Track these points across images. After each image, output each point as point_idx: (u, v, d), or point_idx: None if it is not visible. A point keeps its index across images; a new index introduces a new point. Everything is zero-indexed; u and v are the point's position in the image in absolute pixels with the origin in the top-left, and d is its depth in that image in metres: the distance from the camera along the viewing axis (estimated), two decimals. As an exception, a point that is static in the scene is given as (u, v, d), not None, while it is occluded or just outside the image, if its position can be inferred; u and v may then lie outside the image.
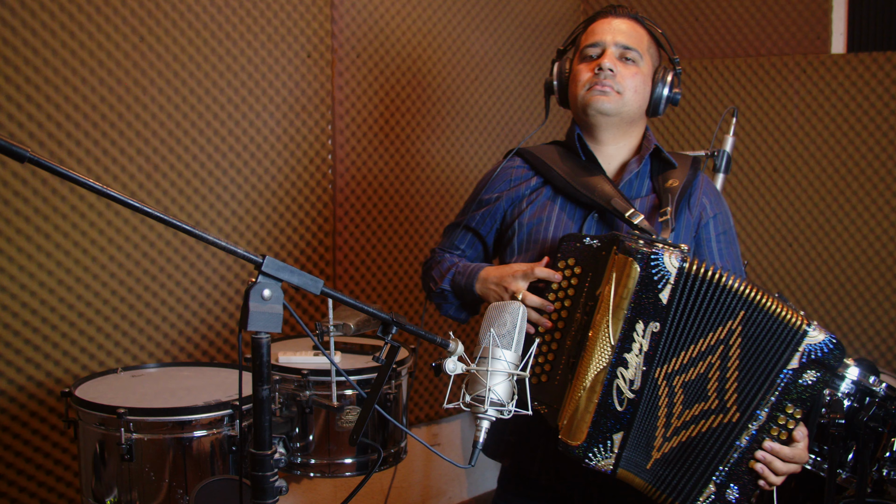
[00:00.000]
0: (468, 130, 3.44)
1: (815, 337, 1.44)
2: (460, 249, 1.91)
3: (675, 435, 1.47)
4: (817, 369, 1.44)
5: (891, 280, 3.23)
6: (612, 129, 1.78)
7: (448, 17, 3.33)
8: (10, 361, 2.31)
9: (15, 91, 2.27)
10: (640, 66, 1.75)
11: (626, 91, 1.72)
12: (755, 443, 1.47)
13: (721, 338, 1.45)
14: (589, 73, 1.73)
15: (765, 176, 3.43)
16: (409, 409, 2.78)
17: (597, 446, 1.47)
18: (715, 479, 1.47)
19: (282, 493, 1.26)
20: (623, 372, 1.45)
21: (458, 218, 1.93)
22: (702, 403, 1.46)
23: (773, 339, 1.45)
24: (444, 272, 1.82)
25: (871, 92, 3.21)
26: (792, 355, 1.44)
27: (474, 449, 1.37)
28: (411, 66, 3.22)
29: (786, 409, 1.46)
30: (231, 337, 2.76)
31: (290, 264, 1.19)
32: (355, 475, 2.22)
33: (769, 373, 1.45)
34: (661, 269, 1.43)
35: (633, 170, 1.76)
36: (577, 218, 1.75)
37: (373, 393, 1.36)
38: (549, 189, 1.79)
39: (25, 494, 2.35)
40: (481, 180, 1.92)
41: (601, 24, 1.77)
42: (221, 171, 2.71)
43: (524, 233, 1.77)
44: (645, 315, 1.44)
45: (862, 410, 2.25)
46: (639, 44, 1.75)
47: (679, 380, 1.46)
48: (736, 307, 1.45)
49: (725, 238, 1.79)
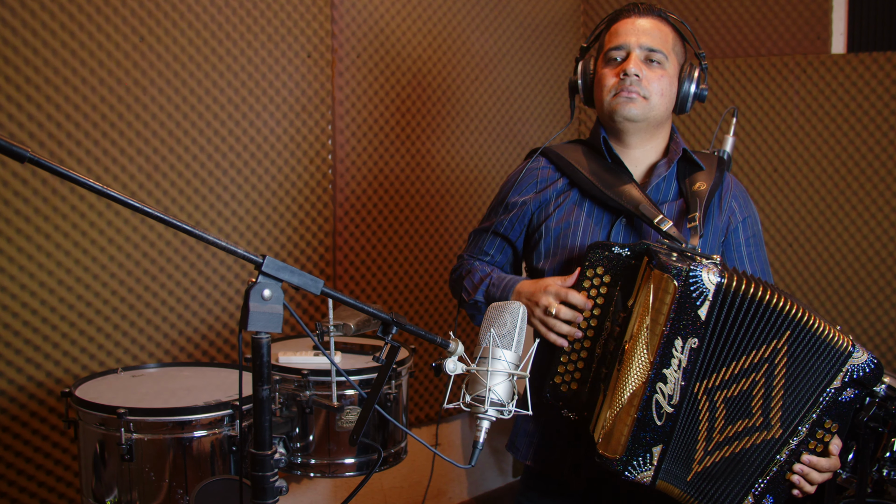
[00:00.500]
0: (468, 130, 3.44)
1: (859, 358, 1.47)
2: (489, 255, 1.89)
3: (717, 450, 1.48)
4: (856, 387, 1.48)
5: (891, 280, 3.23)
6: (639, 134, 1.76)
7: (448, 17, 3.33)
8: (10, 361, 2.31)
9: (15, 91, 2.27)
10: (666, 68, 1.72)
11: (653, 95, 1.70)
12: (794, 456, 1.49)
13: (765, 356, 1.46)
14: (614, 79, 1.70)
15: (765, 176, 3.43)
16: (409, 409, 2.78)
17: (636, 459, 1.48)
18: (754, 490, 1.50)
19: (282, 494, 1.26)
20: (662, 387, 1.45)
21: (486, 223, 1.90)
22: (745, 420, 1.47)
23: (819, 359, 1.46)
24: (476, 283, 1.79)
25: (871, 92, 3.21)
26: (836, 375, 1.47)
27: (474, 449, 1.37)
28: (411, 66, 3.22)
29: (824, 425, 1.49)
30: (231, 337, 2.76)
31: (290, 264, 1.19)
32: (355, 475, 2.22)
33: (814, 392, 1.47)
34: (699, 286, 1.42)
35: (661, 174, 1.74)
36: (604, 223, 1.73)
37: (373, 393, 1.36)
38: (575, 192, 1.76)
39: (25, 494, 2.35)
40: (507, 182, 1.89)
41: (625, 25, 1.73)
42: (221, 171, 2.71)
43: (551, 238, 1.75)
44: (683, 331, 1.44)
45: (862, 410, 2.24)
46: (664, 44, 1.71)
47: (721, 395, 1.47)
48: (781, 326, 1.45)
49: (754, 241, 1.78)
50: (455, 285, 1.91)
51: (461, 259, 1.94)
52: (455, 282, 1.91)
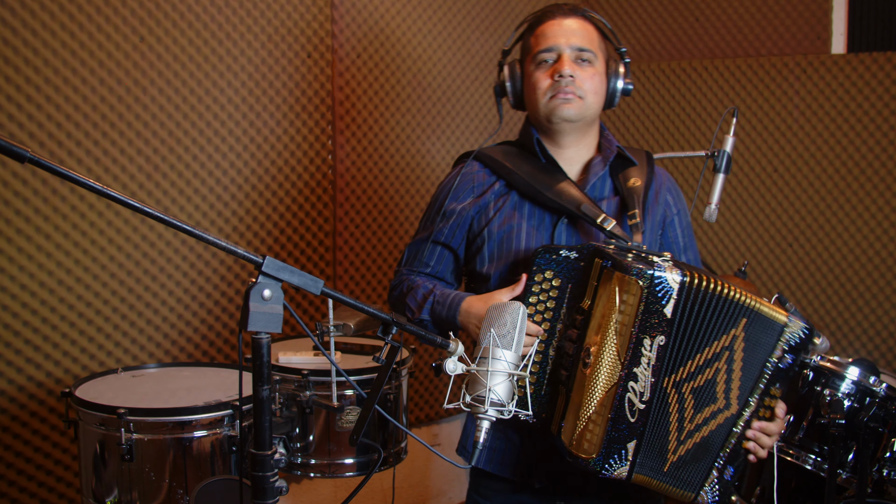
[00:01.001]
0: (468, 130, 3.44)
1: (793, 327, 1.55)
2: (430, 266, 1.84)
3: (689, 437, 1.54)
4: (793, 353, 1.57)
5: (891, 280, 3.23)
6: (574, 133, 1.78)
7: (448, 17, 3.33)
8: (10, 361, 2.31)
9: (15, 91, 2.27)
10: (596, 66, 1.74)
11: (588, 95, 1.72)
12: (747, 426, 1.57)
13: (726, 344, 1.52)
14: (548, 80, 1.72)
15: (765, 176, 3.43)
16: (409, 409, 2.78)
17: (612, 457, 1.51)
18: (717, 465, 1.56)
19: (282, 494, 1.25)
20: (633, 386, 1.49)
21: (423, 233, 1.86)
22: (712, 406, 1.54)
23: (766, 336, 1.55)
24: (420, 301, 1.75)
25: (871, 92, 3.21)
26: (777, 346, 1.55)
27: (474, 449, 1.37)
28: (411, 66, 3.22)
29: (771, 392, 1.58)
30: (231, 337, 2.76)
31: (290, 264, 1.18)
32: (355, 475, 2.22)
33: (761, 366, 1.55)
34: (664, 286, 1.47)
35: (597, 173, 1.76)
36: (546, 224, 1.74)
37: (373, 393, 1.36)
38: (514, 194, 1.77)
39: (26, 495, 2.35)
40: (440, 190, 1.87)
41: (552, 26, 1.74)
42: (221, 172, 2.71)
43: (494, 242, 1.75)
44: (651, 330, 1.48)
45: (862, 411, 2.25)
46: (591, 43, 1.74)
47: (688, 386, 1.52)
48: (738, 315, 1.52)
49: (688, 232, 1.85)
50: (397, 303, 1.84)
51: (399, 275, 1.88)
52: (396, 299, 1.84)
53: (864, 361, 2.37)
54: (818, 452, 2.31)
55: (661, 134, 3.67)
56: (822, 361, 2.35)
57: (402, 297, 1.81)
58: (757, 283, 3.46)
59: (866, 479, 2.19)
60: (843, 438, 2.24)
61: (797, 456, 2.34)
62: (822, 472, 2.28)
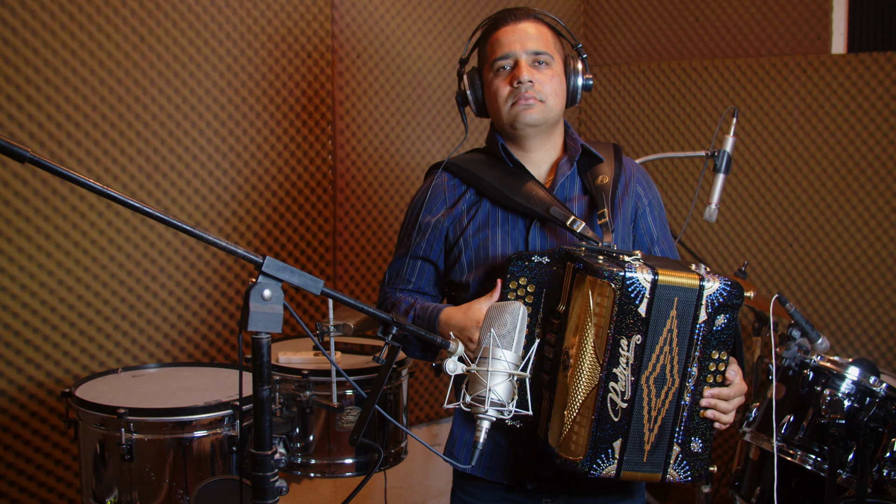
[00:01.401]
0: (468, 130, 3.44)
1: (712, 287, 1.53)
2: (411, 282, 1.85)
3: (655, 424, 1.55)
4: (724, 312, 1.54)
5: (891, 280, 3.23)
6: (539, 137, 1.79)
7: (448, 17, 3.33)
8: (11, 361, 2.31)
9: (15, 91, 2.27)
10: (553, 67, 1.74)
11: (548, 97, 1.73)
12: (697, 395, 1.56)
13: (669, 327, 1.53)
14: (508, 87, 1.72)
15: (765, 176, 3.43)
16: (409, 409, 2.78)
17: (599, 457, 1.52)
18: (676, 439, 1.56)
19: (282, 494, 1.25)
20: (614, 386, 1.51)
21: (401, 250, 1.88)
22: (665, 387, 1.54)
23: (688, 305, 1.53)
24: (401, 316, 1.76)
25: (871, 92, 3.21)
26: (699, 310, 1.53)
27: (474, 449, 1.37)
28: (411, 66, 3.22)
29: (712, 356, 1.56)
30: (231, 337, 2.76)
31: (290, 264, 1.18)
32: (355, 475, 2.22)
33: (690, 333, 1.54)
34: (636, 286, 1.48)
35: (565, 173, 1.77)
36: (520, 228, 1.75)
37: (373, 393, 1.36)
38: (486, 202, 1.78)
39: (26, 495, 2.35)
40: (413, 205, 1.88)
41: (506, 33, 1.74)
42: (221, 172, 2.71)
43: (472, 250, 1.76)
44: (627, 330, 1.49)
45: (862, 411, 2.25)
46: (546, 45, 1.74)
47: (651, 378, 1.54)
48: (673, 295, 1.52)
49: (661, 223, 1.84)
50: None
51: (383, 294, 1.88)
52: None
53: (864, 361, 2.37)
54: (818, 452, 2.31)
55: (661, 134, 3.67)
56: (822, 361, 2.35)
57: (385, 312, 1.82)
58: (757, 283, 3.46)
59: (866, 479, 2.19)
60: (843, 438, 2.24)
61: (797, 456, 2.34)
62: (822, 472, 2.28)
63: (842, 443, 2.24)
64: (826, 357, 2.36)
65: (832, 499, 2.19)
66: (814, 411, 2.34)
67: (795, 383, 2.40)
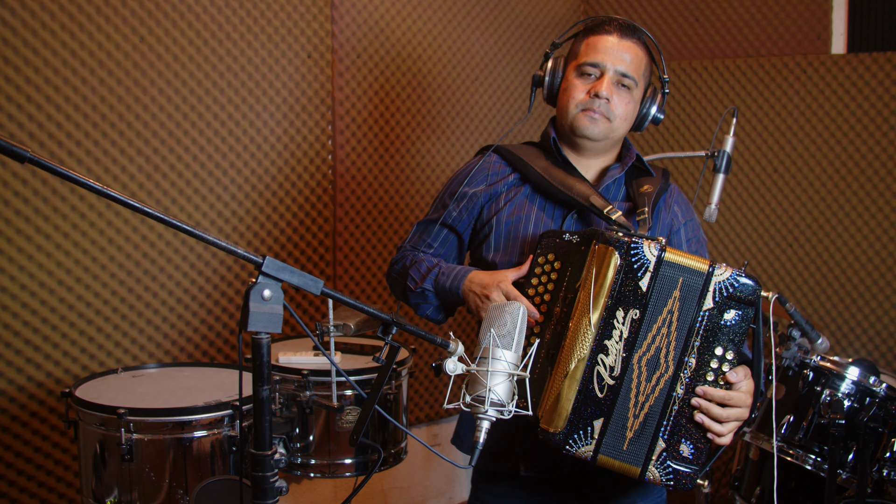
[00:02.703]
0: (468, 130, 3.44)
1: (722, 274, 1.48)
2: (433, 247, 1.88)
3: (641, 411, 1.51)
4: (735, 307, 1.49)
5: (891, 280, 3.23)
6: (594, 150, 1.81)
7: (448, 17, 3.33)
8: (10, 361, 2.31)
9: (15, 91, 2.27)
10: (634, 94, 1.76)
11: (616, 119, 1.74)
12: (690, 390, 1.50)
13: (670, 308, 1.50)
14: (584, 95, 1.74)
15: (765, 176, 3.43)
16: (409, 409, 2.78)
17: (577, 433, 1.49)
18: (661, 434, 1.50)
19: (282, 494, 1.26)
20: (603, 359, 1.48)
21: (434, 214, 1.89)
22: (657, 372, 1.50)
23: (694, 289, 1.49)
24: (424, 273, 1.78)
25: (871, 92, 3.20)
26: (704, 297, 1.49)
27: (474, 449, 1.37)
28: (411, 66, 3.22)
29: (715, 352, 1.50)
30: (231, 337, 2.76)
31: (290, 264, 1.18)
32: (355, 475, 2.22)
33: (692, 320, 1.49)
34: (640, 258, 1.47)
35: (613, 176, 1.80)
36: (556, 217, 1.77)
37: (373, 393, 1.36)
38: (527, 188, 1.80)
39: (26, 495, 2.35)
40: (457, 175, 1.90)
41: (605, 41, 1.74)
42: (221, 172, 2.71)
43: (502, 230, 1.78)
44: (625, 302, 1.48)
45: (862, 411, 2.25)
46: (636, 70, 1.75)
47: (645, 359, 1.50)
48: (677, 276, 1.49)
49: (696, 243, 1.86)
50: (398, 276, 1.86)
51: (403, 250, 1.90)
52: (399, 272, 1.86)
53: (864, 361, 2.37)
54: (818, 452, 2.31)
55: (661, 134, 3.67)
56: (822, 361, 2.35)
57: (405, 269, 1.84)
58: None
59: (866, 479, 2.19)
60: (843, 438, 2.24)
61: (797, 456, 2.34)
62: (822, 472, 2.28)
63: (842, 443, 2.24)
64: (826, 357, 2.36)
65: (832, 499, 2.19)
66: (814, 411, 2.34)
67: (795, 383, 2.40)
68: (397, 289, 1.89)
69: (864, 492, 2.19)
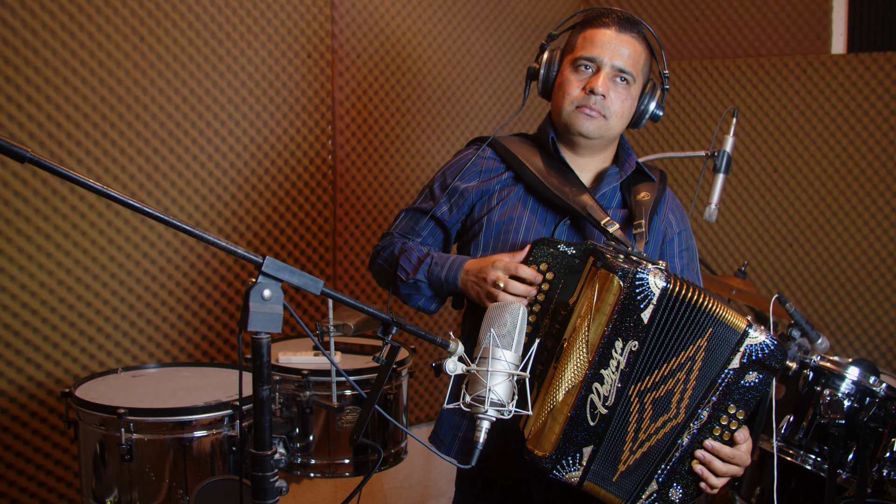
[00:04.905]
0: (468, 130, 3.44)
1: (756, 338, 1.45)
2: (421, 237, 1.82)
3: (639, 448, 1.49)
4: (759, 370, 1.46)
5: (891, 280, 3.23)
6: (590, 148, 1.76)
7: (448, 17, 3.33)
8: (10, 361, 2.31)
9: (15, 91, 2.27)
10: (631, 90, 1.70)
11: (612, 116, 1.69)
12: (696, 442, 1.49)
13: (691, 355, 1.46)
14: (579, 90, 1.68)
15: (765, 176, 3.43)
16: (409, 409, 2.78)
17: (565, 458, 1.47)
18: (657, 477, 1.49)
19: (282, 494, 1.25)
20: (598, 388, 1.45)
21: (423, 203, 1.83)
22: (664, 416, 1.47)
23: (724, 344, 1.46)
24: (416, 263, 1.71)
25: (871, 92, 3.21)
26: (734, 355, 1.46)
27: (474, 449, 1.37)
28: (411, 66, 3.22)
29: (728, 410, 1.48)
30: (231, 337, 2.76)
31: (290, 264, 1.18)
32: (355, 475, 2.22)
33: (716, 375, 1.46)
34: (645, 289, 1.42)
35: (612, 183, 1.75)
36: (548, 222, 1.72)
37: (373, 393, 1.36)
38: (520, 187, 1.75)
39: (26, 495, 2.35)
40: (450, 167, 1.83)
41: (602, 35, 1.69)
42: (221, 172, 2.71)
43: (492, 231, 1.73)
44: (625, 333, 1.44)
45: (862, 411, 2.25)
46: (634, 65, 1.69)
47: (650, 396, 1.46)
48: (706, 325, 1.45)
49: (688, 254, 1.80)
50: (386, 264, 1.79)
51: (389, 237, 1.82)
52: (386, 260, 1.79)
53: (864, 361, 2.37)
54: (818, 452, 2.31)
55: (661, 134, 3.67)
56: (822, 361, 2.35)
57: (394, 257, 1.76)
58: (757, 283, 3.46)
59: (866, 479, 2.19)
60: (843, 438, 2.24)
61: (797, 456, 2.34)
62: (822, 472, 2.28)
63: (842, 443, 2.24)
64: (826, 357, 2.36)
65: (832, 499, 2.19)
66: (814, 411, 2.34)
67: (795, 383, 2.40)
68: (384, 277, 1.82)
69: (864, 492, 2.19)
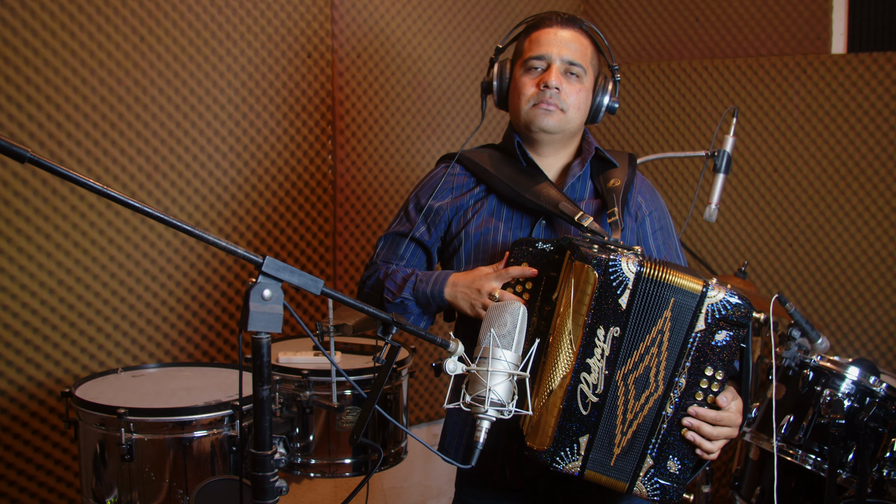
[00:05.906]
0: (468, 130, 3.44)
1: (715, 296, 1.46)
2: (404, 259, 1.85)
3: (629, 428, 1.51)
4: (727, 328, 1.47)
5: (891, 280, 3.23)
6: (553, 144, 1.79)
7: (448, 17, 3.33)
8: (11, 361, 2.31)
9: (15, 91, 2.27)
10: (584, 82, 1.74)
11: (570, 109, 1.73)
12: (681, 410, 1.50)
13: (660, 328, 1.48)
14: (534, 89, 1.73)
15: (765, 176, 3.43)
16: (409, 409, 2.78)
17: (563, 451, 1.50)
18: (650, 452, 1.51)
19: (282, 494, 1.25)
20: (586, 377, 1.48)
21: (400, 227, 1.87)
22: (646, 391, 1.49)
23: (686, 310, 1.48)
24: (401, 283, 1.75)
25: (871, 92, 3.20)
26: (696, 319, 1.47)
27: (474, 449, 1.37)
28: (411, 66, 3.22)
29: (705, 373, 1.49)
30: (231, 337, 2.76)
31: (290, 264, 1.18)
32: (355, 475, 2.22)
33: (684, 341, 1.48)
34: (619, 275, 1.45)
35: (575, 174, 1.77)
36: (524, 226, 1.75)
37: (373, 393, 1.36)
38: (493, 198, 1.78)
39: (26, 495, 2.35)
40: (422, 187, 1.87)
41: (546, 34, 1.74)
42: (221, 172, 2.71)
43: (472, 243, 1.76)
44: (605, 320, 1.46)
45: (862, 410, 2.25)
46: (583, 57, 1.74)
47: (632, 377, 1.49)
48: (668, 295, 1.47)
49: (662, 234, 1.82)
50: (372, 290, 1.83)
51: (374, 265, 1.87)
52: (372, 287, 1.84)
53: (864, 361, 2.37)
54: (818, 452, 2.31)
55: (661, 134, 3.67)
56: (822, 361, 2.36)
57: (379, 282, 1.81)
58: (757, 283, 3.46)
59: (866, 479, 2.19)
60: (843, 438, 2.24)
61: (797, 456, 2.34)
62: (822, 472, 2.28)
63: (842, 443, 2.24)
64: (826, 357, 2.36)
65: (832, 499, 2.19)
66: (814, 411, 2.34)
67: (795, 383, 2.40)
68: (372, 303, 1.82)
69: (864, 492, 2.19)
